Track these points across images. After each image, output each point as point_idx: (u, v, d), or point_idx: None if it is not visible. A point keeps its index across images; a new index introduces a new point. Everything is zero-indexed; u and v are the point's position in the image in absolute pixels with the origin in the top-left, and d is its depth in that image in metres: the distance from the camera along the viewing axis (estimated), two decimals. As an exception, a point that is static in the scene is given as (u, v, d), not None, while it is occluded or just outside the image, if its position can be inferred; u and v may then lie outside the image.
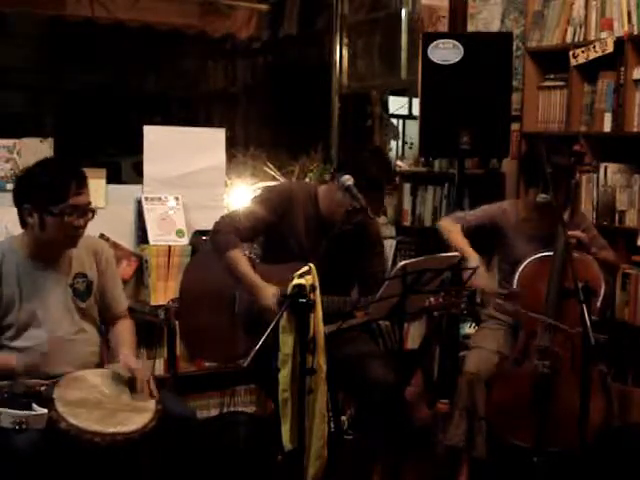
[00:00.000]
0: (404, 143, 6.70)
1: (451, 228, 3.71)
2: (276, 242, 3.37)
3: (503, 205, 3.81)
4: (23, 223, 2.90)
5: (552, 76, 4.37)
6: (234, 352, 3.14)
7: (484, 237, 3.76)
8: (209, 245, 3.40)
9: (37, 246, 2.90)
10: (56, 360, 2.88)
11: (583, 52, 4.11)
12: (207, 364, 3.94)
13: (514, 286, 3.55)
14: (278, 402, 2.80)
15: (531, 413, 3.29)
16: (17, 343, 2.89)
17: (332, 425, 3.26)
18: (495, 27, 4.86)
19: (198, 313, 3.31)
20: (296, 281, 2.64)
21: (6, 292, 2.88)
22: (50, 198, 2.80)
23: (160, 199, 4.12)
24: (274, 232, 3.34)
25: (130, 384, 2.84)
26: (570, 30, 4.23)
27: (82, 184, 2.86)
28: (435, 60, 4.29)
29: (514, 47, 4.45)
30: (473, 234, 3.71)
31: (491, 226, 3.74)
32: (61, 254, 2.96)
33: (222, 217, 3.34)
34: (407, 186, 5.08)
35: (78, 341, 2.97)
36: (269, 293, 3.12)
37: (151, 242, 3.99)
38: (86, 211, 2.87)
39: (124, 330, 3.13)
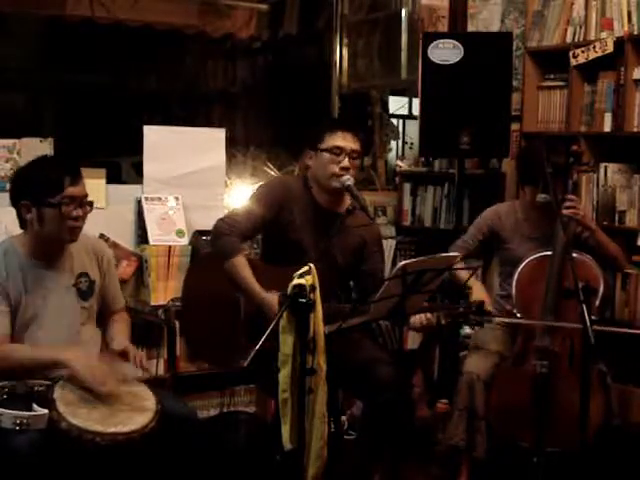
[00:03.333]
0: (404, 143, 6.70)
1: None
2: (276, 238, 3.36)
3: (497, 209, 3.80)
4: (22, 222, 2.90)
5: (552, 76, 4.37)
6: (237, 356, 3.12)
7: (486, 245, 3.79)
8: (211, 249, 3.38)
9: (38, 244, 2.90)
10: None
11: (583, 52, 4.10)
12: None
13: (513, 286, 3.55)
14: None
15: (531, 413, 3.29)
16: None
17: (332, 425, 3.26)
18: (495, 27, 4.86)
19: (201, 315, 3.30)
20: (296, 281, 2.64)
21: (12, 288, 2.87)
22: (46, 190, 2.80)
23: (160, 199, 4.12)
24: (274, 228, 3.33)
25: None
26: (570, 30, 4.22)
27: (77, 176, 2.87)
28: (435, 60, 4.29)
29: (514, 47, 4.45)
30: (475, 252, 3.76)
31: (489, 235, 3.75)
32: (62, 252, 2.96)
33: (221, 220, 3.32)
34: (407, 186, 5.08)
35: (80, 341, 2.97)
36: (274, 304, 3.11)
37: (151, 242, 3.99)
38: (83, 203, 2.88)
39: (119, 323, 3.15)
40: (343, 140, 3.27)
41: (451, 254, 3.24)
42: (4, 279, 2.84)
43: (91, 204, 2.91)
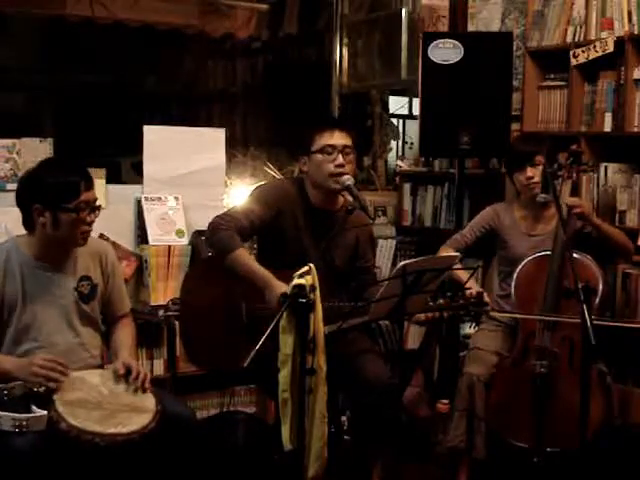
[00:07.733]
0: (404, 143, 6.71)
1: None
2: (273, 241, 3.35)
3: (495, 208, 3.80)
4: (29, 224, 2.88)
5: (552, 76, 4.36)
6: (236, 362, 3.10)
7: (483, 243, 3.78)
8: (207, 245, 3.36)
9: (45, 247, 2.89)
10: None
11: (583, 52, 4.10)
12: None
13: (512, 286, 3.55)
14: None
15: (531, 413, 3.29)
16: (18, 349, 2.87)
17: (332, 425, 3.25)
18: (495, 27, 4.85)
19: (199, 321, 3.27)
20: (296, 281, 2.64)
21: (9, 291, 2.86)
22: (63, 195, 2.81)
23: (160, 199, 4.12)
24: (270, 230, 3.31)
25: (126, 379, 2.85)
26: (570, 30, 4.22)
27: (90, 180, 2.90)
28: (435, 60, 4.29)
29: (514, 47, 4.44)
30: (472, 247, 3.74)
31: (487, 233, 3.75)
32: (68, 255, 2.95)
33: (217, 216, 3.28)
34: (407, 186, 5.07)
35: (78, 344, 2.97)
36: (280, 291, 3.09)
37: (151, 242, 3.98)
38: (94, 207, 2.89)
39: (124, 331, 3.13)
40: (332, 138, 3.26)
41: (451, 254, 3.24)
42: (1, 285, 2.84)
43: (99, 208, 2.92)
